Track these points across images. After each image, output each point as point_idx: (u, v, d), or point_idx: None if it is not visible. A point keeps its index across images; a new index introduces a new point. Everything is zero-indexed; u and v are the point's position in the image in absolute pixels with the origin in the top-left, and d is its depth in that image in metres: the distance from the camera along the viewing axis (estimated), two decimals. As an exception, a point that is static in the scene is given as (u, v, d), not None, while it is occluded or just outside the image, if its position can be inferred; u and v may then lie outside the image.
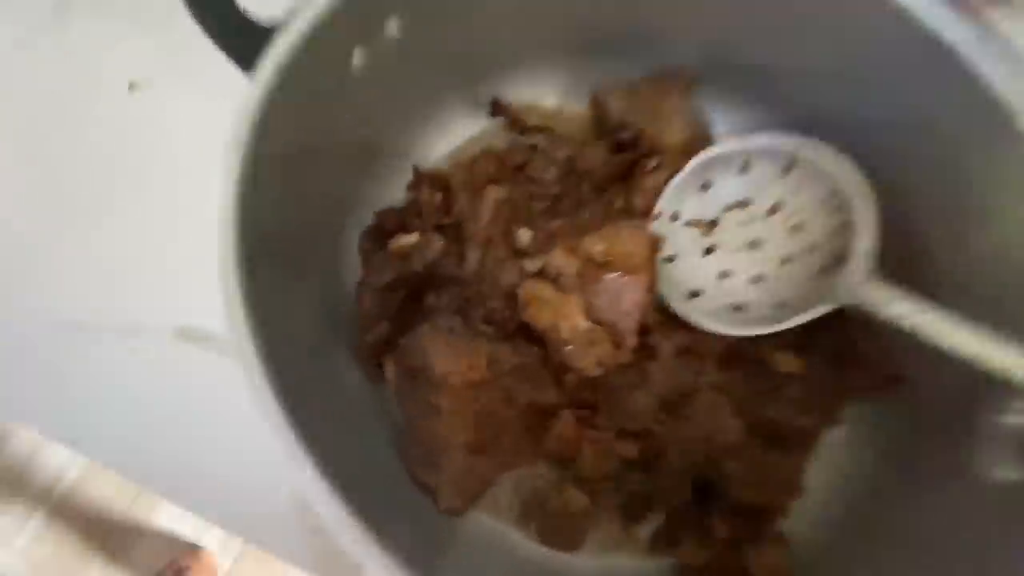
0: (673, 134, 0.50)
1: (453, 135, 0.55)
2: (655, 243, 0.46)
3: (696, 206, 0.45)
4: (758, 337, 0.46)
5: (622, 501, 0.43)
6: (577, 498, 0.42)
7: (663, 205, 0.45)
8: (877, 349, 0.44)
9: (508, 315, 0.45)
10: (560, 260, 0.45)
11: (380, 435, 0.43)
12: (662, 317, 0.47)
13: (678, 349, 0.47)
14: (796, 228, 0.42)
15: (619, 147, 0.53)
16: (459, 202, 0.48)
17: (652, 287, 0.46)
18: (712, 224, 0.45)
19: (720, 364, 0.46)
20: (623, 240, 0.44)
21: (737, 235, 0.44)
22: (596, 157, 0.53)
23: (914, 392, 0.43)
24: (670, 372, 0.46)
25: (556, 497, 0.43)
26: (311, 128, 0.39)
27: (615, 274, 0.45)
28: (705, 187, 0.45)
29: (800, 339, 0.46)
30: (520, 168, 0.52)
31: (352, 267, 0.47)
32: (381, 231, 0.49)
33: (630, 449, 0.43)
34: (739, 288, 0.44)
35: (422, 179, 0.52)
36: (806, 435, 0.45)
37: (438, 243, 0.44)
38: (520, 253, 0.48)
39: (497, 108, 0.54)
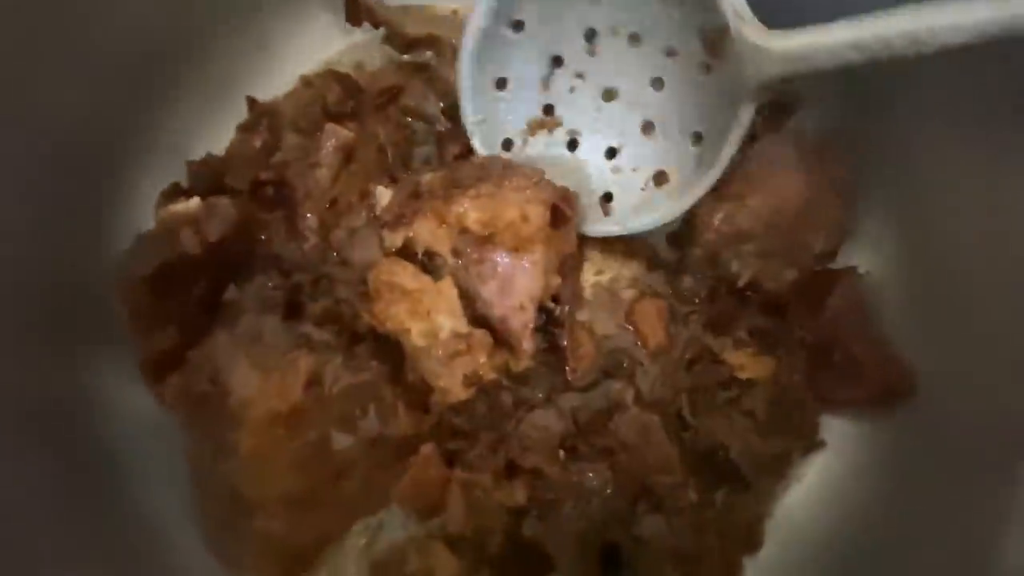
0: None
1: (311, 52, 0.41)
2: (561, 202, 0.33)
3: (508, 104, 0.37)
4: (712, 327, 0.36)
5: (506, 562, 0.33)
6: (446, 561, 0.32)
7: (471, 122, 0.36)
8: (875, 352, 0.34)
9: (357, 311, 0.33)
10: (426, 233, 0.32)
11: (164, 483, 0.32)
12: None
13: (599, 347, 0.36)
14: (634, 39, 0.34)
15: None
16: (284, 148, 0.35)
17: (557, 268, 0.34)
18: (548, 109, 0.37)
19: (658, 366, 0.35)
20: (507, 203, 0.31)
21: (581, 103, 0.36)
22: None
23: (931, 411, 0.32)
24: (589, 382, 0.35)
25: (418, 560, 0.32)
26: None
27: (500, 251, 0.32)
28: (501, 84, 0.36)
29: (768, 331, 0.36)
30: (390, 97, 0.39)
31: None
32: (188, 192, 0.35)
33: (516, 494, 0.32)
34: (638, 158, 0.36)
35: (257, 115, 0.39)
36: (773, 465, 0.35)
37: (228, 213, 0.31)
38: (379, 220, 0.35)
39: (355, 8, 0.39)
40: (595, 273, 0.38)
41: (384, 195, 0.35)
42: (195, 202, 0.31)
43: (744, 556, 0.33)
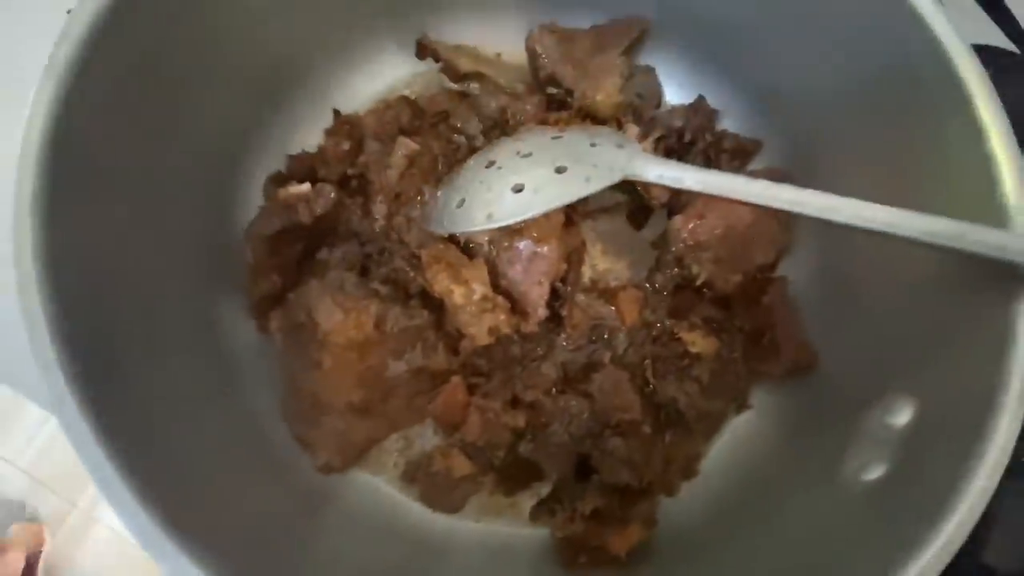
0: (603, 95, 0.48)
1: (383, 76, 0.53)
2: (571, 213, 0.45)
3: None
4: (673, 313, 0.47)
5: (506, 470, 0.43)
6: (461, 463, 0.42)
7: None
8: (793, 337, 0.44)
9: (411, 276, 0.44)
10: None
11: (262, 388, 0.42)
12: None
13: (592, 320, 0.47)
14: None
15: (551, 104, 0.51)
16: (366, 152, 0.46)
17: (565, 257, 0.46)
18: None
19: (631, 338, 0.46)
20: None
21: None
22: (529, 111, 0.50)
23: (818, 383, 0.43)
24: (578, 345, 0.46)
25: (441, 461, 0.43)
26: (170, 43, 0.37)
27: (527, 241, 0.44)
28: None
29: (716, 319, 0.46)
30: (442, 118, 0.50)
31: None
32: (288, 177, 0.47)
33: (518, 419, 0.43)
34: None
35: (341, 124, 0.50)
36: (711, 419, 0.45)
37: (330, 196, 0.42)
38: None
39: (423, 48, 0.51)
40: (592, 265, 0.49)
41: (432, 195, 0.46)
42: (307, 186, 0.42)
43: (682, 480, 0.44)
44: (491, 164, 0.42)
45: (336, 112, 0.51)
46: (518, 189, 0.39)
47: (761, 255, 0.46)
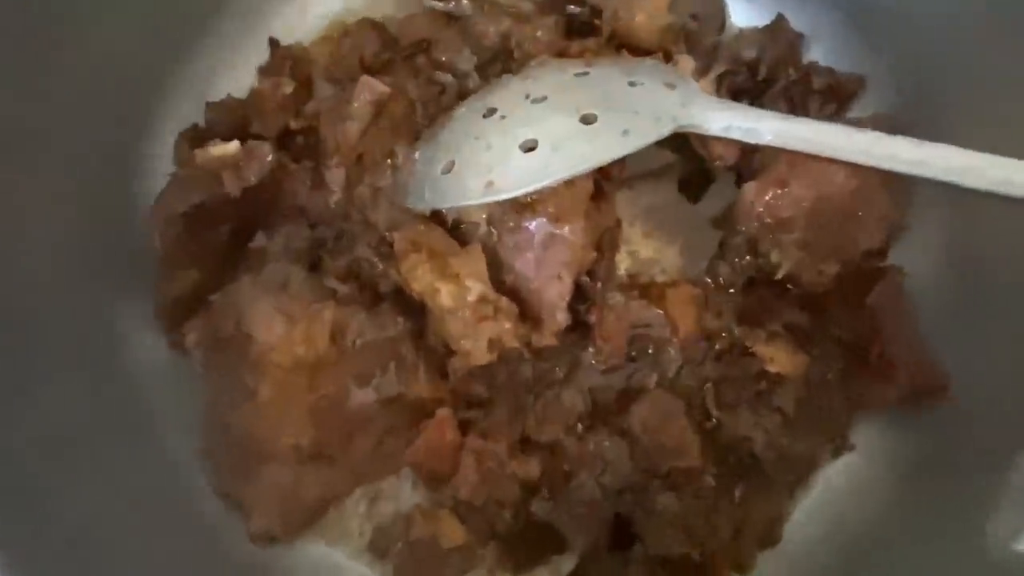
0: (643, 16, 0.47)
1: None
2: (602, 175, 0.44)
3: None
4: (745, 319, 0.46)
5: (513, 538, 0.43)
6: (452, 529, 0.42)
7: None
8: (911, 354, 0.44)
9: (380, 270, 0.44)
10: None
11: (177, 427, 0.43)
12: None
13: (632, 329, 0.46)
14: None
15: (571, 29, 0.50)
16: (316, 98, 0.46)
17: (594, 242, 0.45)
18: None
19: (685, 354, 0.46)
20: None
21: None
22: (541, 39, 0.49)
23: (948, 416, 0.42)
24: (613, 364, 0.46)
25: (423, 526, 0.42)
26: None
27: (541, 220, 0.43)
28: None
29: (804, 327, 0.46)
30: (421, 49, 0.50)
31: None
32: (207, 134, 0.47)
33: (530, 468, 0.43)
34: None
35: (280, 59, 0.50)
36: (798, 466, 0.45)
37: (266, 158, 0.42)
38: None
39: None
40: (629, 253, 0.49)
41: (414, 154, 0.46)
42: (234, 145, 0.41)
43: (758, 550, 0.43)
44: (491, 112, 0.42)
45: (273, 42, 0.50)
46: (529, 147, 0.38)
47: (866, 238, 0.45)
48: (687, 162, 0.49)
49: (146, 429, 0.42)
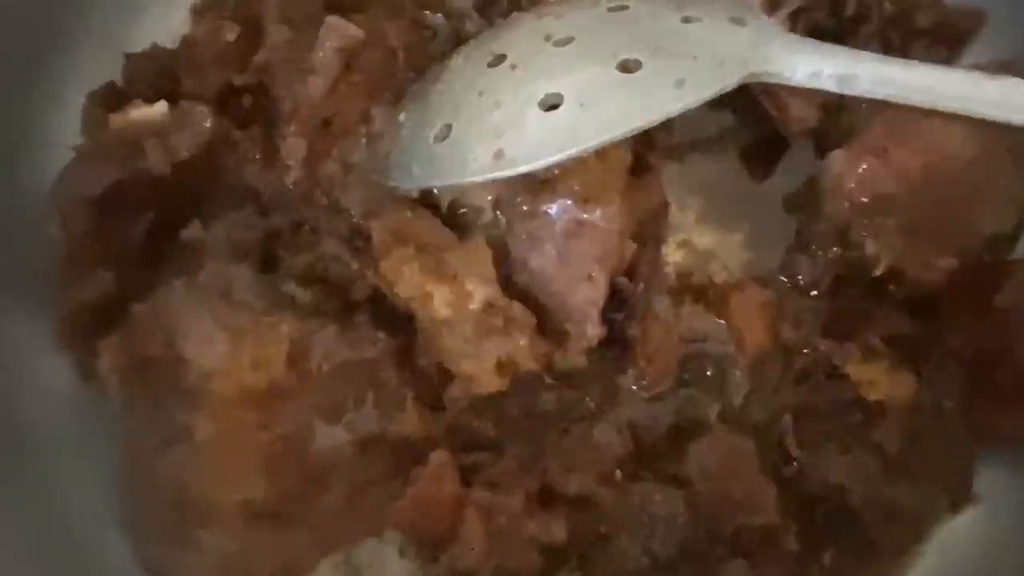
0: None
1: None
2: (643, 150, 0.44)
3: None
4: (832, 330, 0.46)
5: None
6: None
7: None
8: None
9: (355, 270, 0.44)
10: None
11: (86, 479, 0.43)
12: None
13: (685, 345, 0.47)
14: None
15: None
16: (269, 45, 0.46)
17: (635, 230, 0.45)
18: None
19: (756, 377, 0.46)
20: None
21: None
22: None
23: None
24: (661, 390, 0.46)
25: None
26: None
27: (565, 202, 0.43)
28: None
29: (911, 339, 0.46)
30: None
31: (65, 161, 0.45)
32: (127, 94, 0.47)
33: (554, 529, 0.42)
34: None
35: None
36: (907, 522, 0.45)
37: (203, 124, 0.42)
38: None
39: None
40: (680, 244, 0.49)
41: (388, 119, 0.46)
42: (162, 107, 0.41)
43: None
44: (499, 60, 0.42)
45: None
46: (551, 104, 0.39)
47: (991, 220, 0.46)
48: (752, 126, 0.50)
49: (44, 480, 0.42)
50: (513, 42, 0.43)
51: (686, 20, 0.41)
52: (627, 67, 0.39)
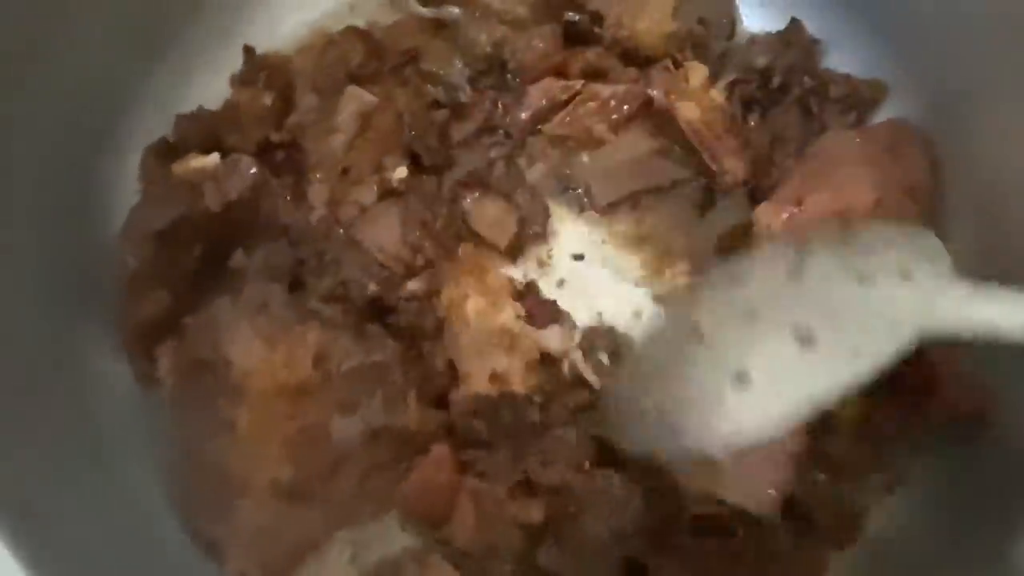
0: (647, 23, 0.55)
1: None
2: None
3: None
4: None
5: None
6: None
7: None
8: (955, 373, 0.49)
9: (371, 293, 0.50)
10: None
11: (145, 465, 0.48)
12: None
13: None
14: None
15: (570, 36, 0.58)
16: (300, 109, 0.53)
17: None
18: None
19: None
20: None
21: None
22: (539, 49, 0.57)
23: (996, 443, 0.48)
24: None
25: (415, 573, 0.46)
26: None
27: None
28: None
29: None
30: (409, 58, 0.57)
31: (128, 202, 0.52)
32: (177, 148, 0.53)
33: (533, 511, 0.47)
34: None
35: (257, 67, 0.57)
36: (848, 511, 0.50)
37: (249, 171, 0.49)
38: (392, 193, 0.53)
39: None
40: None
41: (403, 171, 0.53)
42: (215, 158, 0.48)
43: None
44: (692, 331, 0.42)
45: (248, 50, 0.58)
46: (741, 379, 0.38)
47: None
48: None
49: (112, 468, 0.47)
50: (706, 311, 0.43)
51: (861, 281, 0.39)
52: (805, 338, 0.38)
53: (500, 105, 0.58)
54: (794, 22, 0.58)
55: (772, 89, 0.57)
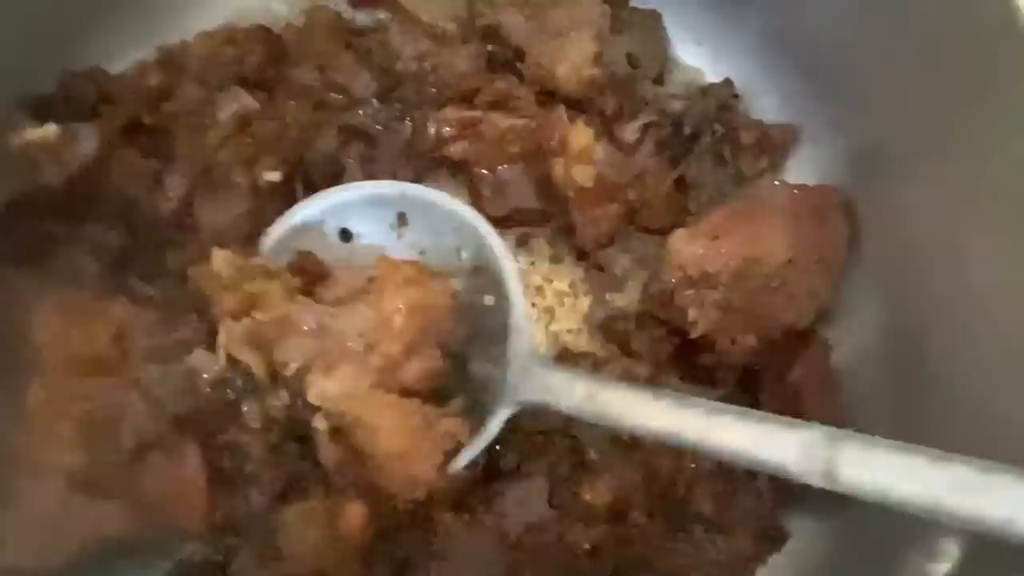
0: (567, 68, 0.53)
1: None
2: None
3: None
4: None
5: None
6: None
7: None
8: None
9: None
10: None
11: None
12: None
13: None
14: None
15: (494, 61, 0.57)
16: (179, 98, 0.51)
17: None
18: None
19: None
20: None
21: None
22: (460, 69, 0.56)
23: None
24: None
25: None
26: None
27: None
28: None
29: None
30: (316, 66, 0.55)
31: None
32: (44, 108, 0.50)
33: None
34: None
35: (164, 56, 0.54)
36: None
37: (89, 139, 0.46)
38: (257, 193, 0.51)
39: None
40: None
41: (275, 175, 0.51)
42: (52, 128, 0.45)
43: None
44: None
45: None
46: None
47: (791, 313, 0.50)
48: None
49: None
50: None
51: None
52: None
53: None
54: (726, 81, 0.59)
55: (685, 136, 0.56)
